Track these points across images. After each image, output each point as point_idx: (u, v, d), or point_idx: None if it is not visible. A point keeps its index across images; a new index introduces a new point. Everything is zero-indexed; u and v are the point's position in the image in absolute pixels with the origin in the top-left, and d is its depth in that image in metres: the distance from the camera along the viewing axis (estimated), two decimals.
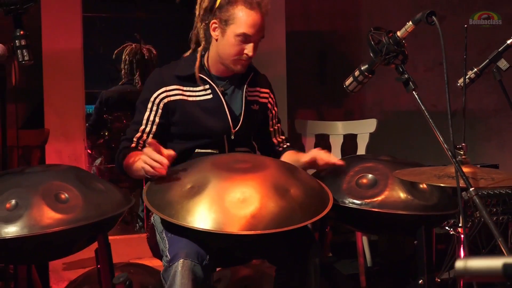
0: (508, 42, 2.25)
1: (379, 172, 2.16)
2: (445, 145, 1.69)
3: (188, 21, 2.27)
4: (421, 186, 2.13)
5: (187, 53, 2.24)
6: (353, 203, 2.08)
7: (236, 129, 2.18)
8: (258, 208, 1.77)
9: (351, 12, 4.34)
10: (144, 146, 2.11)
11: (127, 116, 4.07)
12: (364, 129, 3.52)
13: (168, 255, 1.86)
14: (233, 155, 2.12)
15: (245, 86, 2.22)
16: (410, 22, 1.79)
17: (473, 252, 3.01)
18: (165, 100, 2.14)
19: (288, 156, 2.32)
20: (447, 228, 1.91)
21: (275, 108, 2.35)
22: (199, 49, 2.18)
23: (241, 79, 2.23)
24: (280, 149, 2.36)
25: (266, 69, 2.39)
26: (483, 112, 4.39)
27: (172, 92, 2.14)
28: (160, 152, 1.91)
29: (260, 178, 1.90)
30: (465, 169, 1.92)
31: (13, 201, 1.74)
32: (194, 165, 2.00)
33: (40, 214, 1.72)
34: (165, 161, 1.89)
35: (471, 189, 1.60)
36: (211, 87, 2.17)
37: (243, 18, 2.06)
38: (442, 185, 1.81)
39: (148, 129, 2.15)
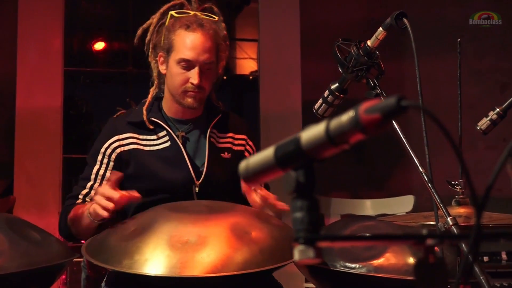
0: None
1: (380, 232, 1.80)
2: (420, 168, 1.41)
3: None
4: None
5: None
6: (346, 266, 1.72)
7: (200, 180, 1.89)
8: (206, 250, 1.49)
9: None
10: None
11: None
12: (399, 208, 2.88)
13: None
14: (198, 201, 1.84)
15: (209, 129, 1.95)
16: (381, 28, 1.53)
17: None
18: (118, 150, 1.88)
19: None
20: None
21: None
22: (151, 89, 1.96)
23: (207, 121, 1.97)
24: None
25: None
26: None
27: (125, 141, 1.89)
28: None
29: (215, 220, 1.62)
30: (462, 210, 1.73)
31: None
32: (148, 210, 1.73)
33: None
34: (115, 195, 1.61)
35: (448, 218, 1.37)
36: (168, 133, 1.91)
37: (181, 42, 1.84)
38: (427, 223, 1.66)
39: (97, 185, 1.86)
